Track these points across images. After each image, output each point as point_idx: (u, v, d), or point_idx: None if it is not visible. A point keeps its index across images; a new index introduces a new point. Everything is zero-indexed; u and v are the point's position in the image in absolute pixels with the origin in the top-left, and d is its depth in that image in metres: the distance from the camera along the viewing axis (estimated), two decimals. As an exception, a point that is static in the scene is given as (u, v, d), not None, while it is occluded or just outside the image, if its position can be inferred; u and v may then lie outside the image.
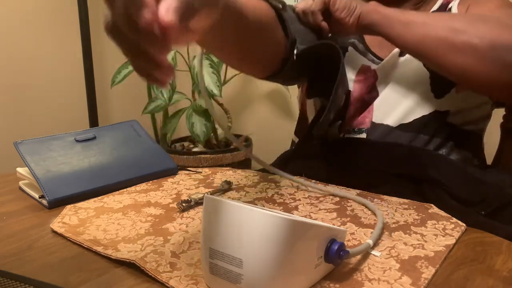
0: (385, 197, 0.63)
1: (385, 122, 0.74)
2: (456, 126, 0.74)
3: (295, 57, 0.66)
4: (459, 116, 0.73)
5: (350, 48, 0.80)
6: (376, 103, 0.75)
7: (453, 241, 0.48)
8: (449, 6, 0.75)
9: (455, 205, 0.60)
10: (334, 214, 0.57)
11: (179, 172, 0.81)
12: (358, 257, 0.45)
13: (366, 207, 0.59)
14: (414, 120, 0.72)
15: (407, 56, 0.74)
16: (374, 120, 0.75)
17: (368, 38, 0.81)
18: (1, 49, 1.64)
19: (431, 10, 0.77)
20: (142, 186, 0.73)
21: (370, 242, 0.46)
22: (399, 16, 0.66)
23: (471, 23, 0.60)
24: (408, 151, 0.68)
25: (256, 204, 0.62)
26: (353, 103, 0.76)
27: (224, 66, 1.66)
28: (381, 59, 0.77)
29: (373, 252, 0.46)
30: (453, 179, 0.63)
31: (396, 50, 0.75)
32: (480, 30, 0.58)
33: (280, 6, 0.66)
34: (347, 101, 0.76)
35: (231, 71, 1.72)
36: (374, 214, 0.56)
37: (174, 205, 0.63)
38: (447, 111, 0.72)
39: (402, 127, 0.73)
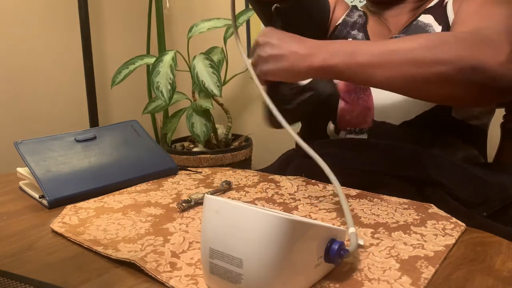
0: (385, 197, 0.63)
1: (388, 120, 0.74)
2: (460, 121, 0.73)
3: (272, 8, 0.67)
4: (462, 110, 0.73)
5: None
6: (376, 100, 0.75)
7: (453, 241, 0.48)
8: (445, 1, 0.75)
9: (458, 207, 0.60)
10: (334, 214, 0.57)
11: (179, 172, 0.81)
12: (358, 257, 0.45)
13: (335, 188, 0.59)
14: (417, 117, 0.72)
15: None
16: (376, 118, 0.75)
17: (371, 28, 0.81)
18: (1, 49, 1.64)
19: (428, 6, 0.77)
20: (142, 186, 0.73)
21: (353, 229, 0.45)
22: (353, 60, 0.59)
23: (431, 50, 0.57)
24: (409, 152, 0.68)
25: (256, 204, 0.62)
26: (344, 95, 0.76)
27: (224, 66, 1.66)
28: None
29: (358, 241, 0.46)
30: (455, 180, 0.63)
31: None
32: (443, 55, 0.56)
33: None
34: (336, 97, 0.76)
35: (231, 71, 1.72)
36: (375, 212, 0.56)
37: (174, 205, 0.63)
38: None
39: (405, 125, 0.73)
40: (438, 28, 0.73)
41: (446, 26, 0.73)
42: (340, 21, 0.85)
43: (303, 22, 0.75)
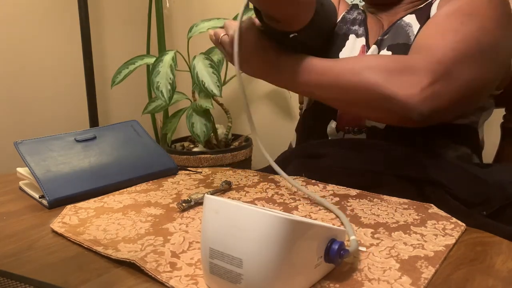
0: (385, 197, 0.63)
1: (375, 124, 0.74)
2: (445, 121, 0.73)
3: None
4: None
5: (351, 36, 0.81)
6: None
7: (453, 241, 0.48)
8: (433, 0, 0.75)
9: (457, 206, 0.60)
10: (334, 214, 0.57)
11: (179, 172, 0.81)
12: (358, 257, 0.45)
13: (329, 209, 0.59)
14: None
15: (385, 51, 0.74)
16: (366, 122, 0.75)
17: (369, 23, 0.82)
18: (1, 49, 1.64)
19: (419, 7, 0.77)
20: (142, 186, 0.73)
21: (354, 237, 0.45)
22: (296, 78, 0.67)
23: (355, 75, 0.61)
24: (409, 152, 0.68)
25: (256, 204, 0.62)
26: None
27: (224, 66, 1.66)
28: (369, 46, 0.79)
29: (359, 247, 0.46)
30: (454, 180, 0.63)
31: (374, 46, 0.75)
32: (362, 82, 0.61)
33: None
34: None
35: (231, 71, 1.72)
36: (374, 214, 0.56)
37: (174, 205, 0.63)
38: None
39: (389, 128, 0.73)
40: (416, 26, 0.73)
41: (423, 25, 0.73)
42: (339, 18, 0.86)
43: (316, 41, 0.76)
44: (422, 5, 0.77)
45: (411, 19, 0.75)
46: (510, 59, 0.71)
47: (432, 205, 0.59)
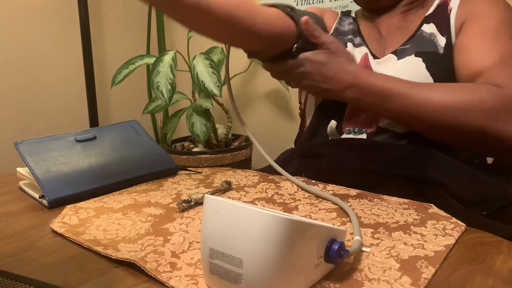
0: (385, 197, 0.63)
1: (391, 128, 0.74)
2: None
3: (294, 49, 0.70)
4: None
5: (348, 45, 0.81)
6: None
7: (453, 241, 0.48)
8: (449, 7, 0.75)
9: (457, 205, 0.60)
10: (334, 214, 0.57)
11: (179, 172, 0.81)
12: (358, 257, 0.45)
13: (336, 204, 0.59)
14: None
15: (406, 59, 0.74)
16: (381, 124, 0.75)
17: (364, 31, 0.82)
18: (1, 49, 1.64)
19: (428, 13, 0.77)
20: (142, 186, 0.73)
21: (358, 237, 0.46)
22: (382, 105, 0.67)
23: (457, 115, 0.62)
24: (408, 152, 0.68)
25: (256, 204, 0.62)
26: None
27: (224, 66, 1.66)
28: (375, 56, 0.78)
29: (363, 248, 0.46)
30: (454, 180, 0.63)
31: (392, 55, 0.75)
32: (466, 124, 0.61)
33: (289, 9, 0.71)
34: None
35: (231, 71, 1.72)
36: (374, 214, 0.56)
37: (174, 205, 0.63)
38: None
39: (408, 134, 0.73)
40: (442, 39, 0.73)
41: (449, 37, 0.73)
42: (332, 30, 0.87)
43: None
44: (431, 11, 0.77)
45: (431, 29, 0.76)
46: None
47: (432, 205, 0.59)
